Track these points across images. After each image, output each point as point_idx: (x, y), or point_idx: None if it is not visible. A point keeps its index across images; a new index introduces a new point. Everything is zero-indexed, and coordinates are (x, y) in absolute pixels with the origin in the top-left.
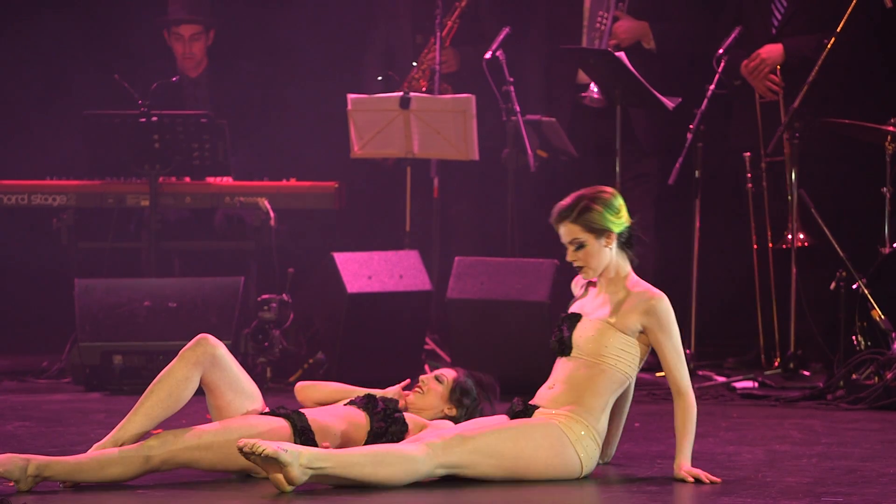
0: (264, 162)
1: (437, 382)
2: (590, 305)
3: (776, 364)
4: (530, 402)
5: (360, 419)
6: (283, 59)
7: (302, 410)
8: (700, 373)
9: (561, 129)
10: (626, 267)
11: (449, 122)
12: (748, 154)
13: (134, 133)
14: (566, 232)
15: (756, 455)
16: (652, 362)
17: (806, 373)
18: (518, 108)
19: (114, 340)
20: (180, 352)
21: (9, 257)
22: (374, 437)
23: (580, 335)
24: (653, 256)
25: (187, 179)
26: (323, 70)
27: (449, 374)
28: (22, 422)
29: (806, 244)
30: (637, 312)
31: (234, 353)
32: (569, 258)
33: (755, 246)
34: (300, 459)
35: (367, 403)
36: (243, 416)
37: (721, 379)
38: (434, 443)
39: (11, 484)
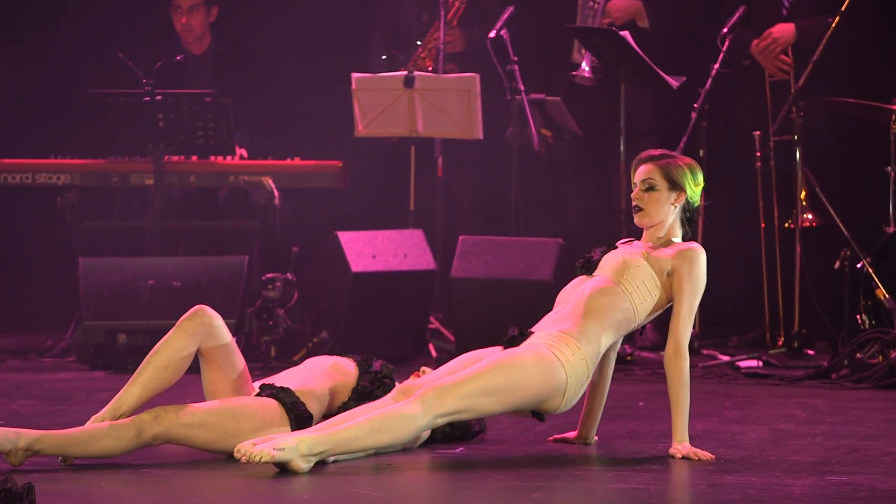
0: (269, 141)
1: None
2: (631, 245)
3: (780, 343)
4: (530, 330)
5: (349, 371)
6: (288, 38)
7: (286, 385)
8: (704, 352)
9: (565, 107)
10: (678, 234)
11: (453, 101)
12: (758, 133)
13: (138, 112)
14: (645, 170)
15: (760, 434)
16: (656, 341)
17: (810, 352)
18: (522, 88)
19: (118, 319)
20: (178, 322)
21: (13, 236)
22: (357, 395)
23: (610, 258)
24: None
25: (194, 158)
26: (327, 49)
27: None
28: (26, 400)
29: (814, 224)
30: (671, 255)
31: (239, 332)
32: (633, 195)
33: (762, 224)
34: (299, 449)
35: (363, 360)
36: (236, 398)
37: (725, 358)
38: (427, 395)
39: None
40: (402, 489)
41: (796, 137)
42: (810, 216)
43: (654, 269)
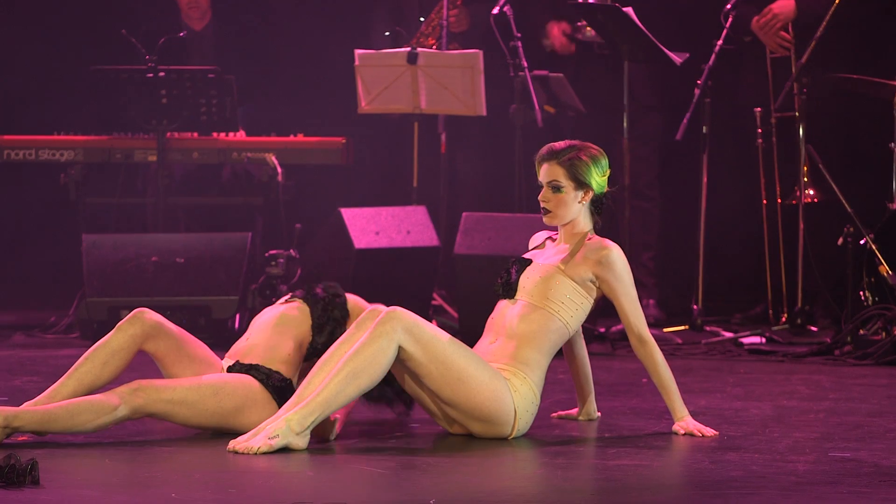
0: (271, 117)
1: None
2: (544, 255)
3: (784, 319)
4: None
5: (297, 314)
6: (290, 13)
7: (252, 362)
8: (707, 328)
9: (568, 84)
10: (589, 226)
11: (456, 78)
12: (759, 109)
13: (141, 88)
14: (549, 171)
15: (763, 410)
16: (659, 318)
17: (813, 328)
18: (525, 64)
19: (121, 295)
20: (117, 324)
21: (16, 212)
22: (317, 329)
23: (527, 278)
24: (658, 212)
25: (197, 135)
26: (330, 25)
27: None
28: (30, 376)
29: (815, 200)
30: (589, 262)
31: (242, 308)
32: (541, 198)
33: (764, 202)
34: (291, 429)
35: (305, 295)
36: (217, 375)
37: (728, 335)
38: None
39: None
40: (407, 466)
41: (797, 114)
42: (811, 192)
43: (574, 281)
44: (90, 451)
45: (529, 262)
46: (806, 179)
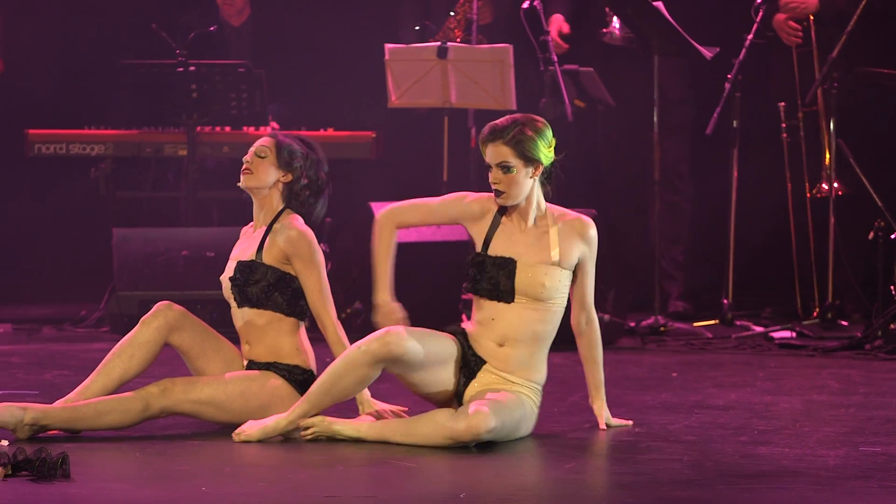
0: (302, 111)
1: (260, 158)
2: (521, 247)
3: (814, 314)
4: (477, 352)
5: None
6: (323, 9)
7: (268, 360)
8: (738, 323)
9: (598, 78)
10: (541, 196)
11: (486, 72)
12: (783, 104)
13: (172, 83)
14: (496, 153)
15: (794, 405)
16: (687, 310)
17: (844, 322)
18: (555, 58)
19: (152, 289)
20: (141, 319)
21: (47, 207)
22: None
23: (528, 282)
24: (688, 206)
25: (227, 129)
26: (360, 19)
27: (266, 142)
28: (60, 370)
29: (840, 193)
30: (577, 244)
31: None
32: (492, 180)
33: (790, 195)
34: (292, 421)
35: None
36: (242, 373)
37: (759, 329)
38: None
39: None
40: (435, 459)
41: (825, 109)
42: (836, 185)
43: (567, 269)
44: (120, 445)
45: (514, 262)
46: (829, 172)
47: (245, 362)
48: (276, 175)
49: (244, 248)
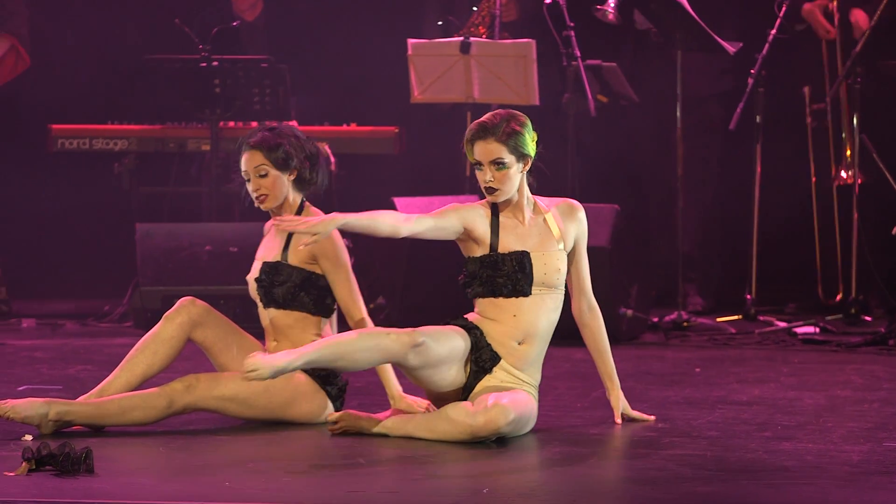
0: (325, 107)
1: (262, 178)
2: (527, 239)
3: (837, 298)
4: (494, 348)
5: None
6: (346, 4)
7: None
8: (761, 318)
9: (621, 73)
10: (527, 188)
11: (509, 67)
12: (807, 88)
13: (195, 78)
14: (489, 150)
15: (817, 400)
16: (706, 306)
17: (867, 318)
18: (578, 53)
19: (175, 285)
20: (165, 314)
21: (70, 202)
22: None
23: (544, 270)
24: (712, 201)
25: (253, 124)
26: (383, 14)
27: (255, 159)
28: (84, 365)
29: (860, 181)
30: (571, 226)
31: None
32: (486, 177)
33: (813, 178)
34: (299, 366)
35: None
36: None
37: (782, 324)
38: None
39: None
40: (458, 457)
41: (848, 103)
42: (851, 172)
43: (567, 252)
44: (144, 440)
45: (527, 253)
46: (849, 160)
47: None
48: (285, 180)
49: (269, 248)
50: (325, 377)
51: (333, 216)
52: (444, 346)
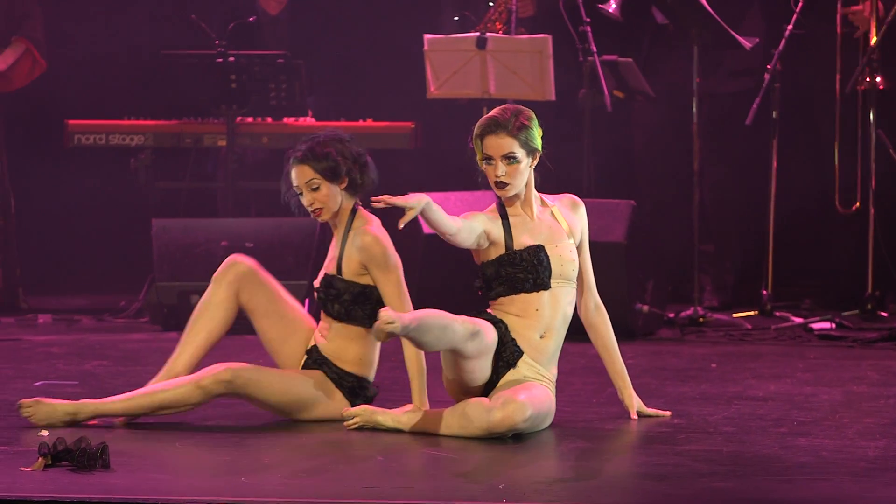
0: (341, 102)
1: (315, 191)
2: (540, 233)
3: (855, 297)
4: (518, 343)
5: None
6: None
7: (326, 354)
8: (777, 314)
9: (637, 69)
10: (532, 182)
11: (525, 63)
12: (839, 76)
13: (211, 73)
14: (501, 144)
15: (833, 396)
16: (722, 301)
17: (884, 314)
18: (595, 49)
19: (191, 280)
20: (213, 276)
21: (86, 197)
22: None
23: (561, 262)
24: (727, 196)
25: (268, 120)
26: (399, 9)
27: (305, 173)
28: (100, 360)
29: (881, 87)
30: (576, 219)
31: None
32: (497, 172)
33: (837, 184)
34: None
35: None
36: (303, 373)
37: (798, 320)
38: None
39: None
40: (473, 452)
41: (866, 97)
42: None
43: (575, 244)
44: (160, 436)
45: (543, 247)
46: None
47: (310, 344)
48: (337, 189)
49: (330, 258)
50: (350, 389)
51: (423, 195)
52: (490, 335)
